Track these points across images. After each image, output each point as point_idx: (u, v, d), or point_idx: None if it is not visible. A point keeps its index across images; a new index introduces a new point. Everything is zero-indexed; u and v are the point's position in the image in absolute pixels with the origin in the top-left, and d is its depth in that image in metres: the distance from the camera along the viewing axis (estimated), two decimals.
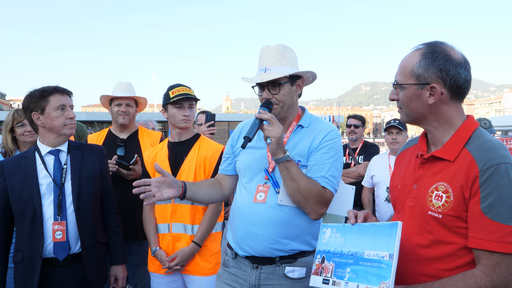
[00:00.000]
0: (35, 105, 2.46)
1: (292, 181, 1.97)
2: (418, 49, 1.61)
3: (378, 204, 4.32)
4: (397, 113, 1.84)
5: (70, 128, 2.51)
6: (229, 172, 2.37)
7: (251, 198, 2.13)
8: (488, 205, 1.40)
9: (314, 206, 2.01)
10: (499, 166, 1.41)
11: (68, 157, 2.56)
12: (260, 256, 2.10)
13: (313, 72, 2.19)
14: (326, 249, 1.69)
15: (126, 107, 3.43)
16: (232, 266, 2.22)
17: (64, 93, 2.52)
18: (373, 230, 1.56)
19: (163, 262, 2.77)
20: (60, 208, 2.42)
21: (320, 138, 2.11)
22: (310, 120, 2.22)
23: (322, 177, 2.04)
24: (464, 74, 1.55)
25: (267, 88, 2.09)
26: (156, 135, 3.62)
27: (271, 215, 2.06)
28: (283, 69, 2.07)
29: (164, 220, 2.84)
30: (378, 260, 1.46)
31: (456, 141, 1.55)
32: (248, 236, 2.10)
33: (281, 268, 2.08)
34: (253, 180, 2.17)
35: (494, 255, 1.39)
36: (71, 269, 2.46)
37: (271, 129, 1.95)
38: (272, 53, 2.11)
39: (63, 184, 2.48)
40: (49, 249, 2.40)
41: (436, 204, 1.51)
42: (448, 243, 1.50)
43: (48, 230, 2.40)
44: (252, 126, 2.00)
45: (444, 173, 1.53)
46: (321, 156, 2.07)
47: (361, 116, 5.47)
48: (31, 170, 2.46)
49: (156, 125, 6.11)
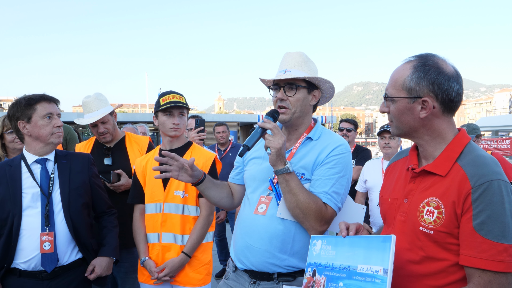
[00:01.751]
0: (21, 113, 2.40)
1: (291, 194, 1.92)
2: (410, 61, 1.59)
3: (372, 208, 4.32)
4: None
5: (58, 137, 2.46)
6: (238, 182, 2.33)
7: (252, 209, 2.09)
8: (481, 223, 1.38)
9: (313, 223, 1.94)
10: (492, 183, 1.39)
11: (55, 166, 2.51)
12: (258, 271, 2.04)
13: (332, 84, 2.14)
14: (317, 262, 1.66)
15: (102, 126, 3.27)
16: (231, 279, 2.18)
17: (51, 101, 2.48)
18: (366, 243, 1.52)
19: (152, 272, 2.73)
20: (48, 219, 2.36)
21: (327, 152, 2.03)
22: (320, 132, 2.15)
23: (324, 192, 1.98)
24: (456, 87, 1.54)
25: (283, 89, 2.06)
26: (144, 140, 3.56)
27: (270, 228, 2.01)
28: (303, 74, 2.05)
29: (154, 229, 2.80)
30: (372, 275, 1.42)
31: (448, 156, 1.53)
32: (246, 248, 2.06)
33: (278, 286, 2.01)
34: (256, 191, 2.13)
35: (486, 273, 1.37)
36: (59, 281, 2.39)
37: (272, 139, 1.90)
38: (295, 57, 2.11)
39: (51, 194, 2.43)
40: (36, 261, 2.33)
41: (427, 220, 1.49)
42: (439, 260, 1.49)
43: (34, 242, 2.33)
44: (254, 134, 1.95)
45: (436, 188, 1.51)
46: (326, 171, 2.00)
47: (354, 120, 5.51)
48: (15, 180, 2.40)
49: (147, 130, 6.03)
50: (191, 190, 2.77)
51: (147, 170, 2.88)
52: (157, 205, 2.80)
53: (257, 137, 1.94)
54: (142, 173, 2.90)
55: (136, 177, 2.94)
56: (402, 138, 1.75)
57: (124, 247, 3.17)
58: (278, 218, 2.01)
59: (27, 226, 2.35)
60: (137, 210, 2.92)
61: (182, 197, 2.75)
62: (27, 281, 2.35)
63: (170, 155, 2.03)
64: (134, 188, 2.94)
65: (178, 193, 2.76)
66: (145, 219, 2.87)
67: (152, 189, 2.83)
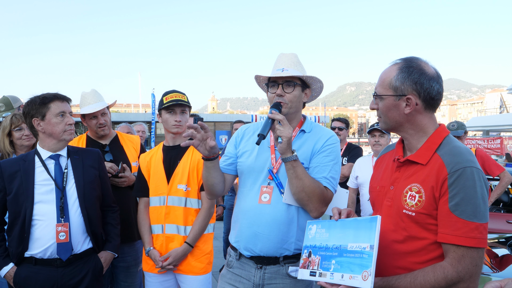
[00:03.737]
0: (36, 111, 2.54)
1: (298, 179, 2.08)
2: (396, 63, 1.77)
3: (363, 203, 4.46)
4: None
5: (70, 134, 2.61)
6: (230, 172, 2.41)
7: (256, 200, 2.22)
8: (455, 204, 1.56)
9: (317, 205, 2.13)
10: (465, 170, 1.57)
11: (68, 161, 2.65)
12: (266, 256, 2.19)
13: (322, 84, 2.34)
14: (313, 244, 1.81)
15: (102, 118, 3.34)
16: (236, 267, 2.30)
17: (64, 100, 2.62)
18: (355, 224, 1.67)
19: (156, 261, 2.86)
20: (63, 211, 2.52)
21: (322, 142, 2.25)
22: (311, 126, 2.36)
23: (324, 177, 2.18)
24: (436, 87, 1.72)
25: (281, 86, 2.22)
26: (136, 138, 3.64)
27: (277, 215, 2.17)
28: (299, 73, 2.24)
29: (158, 221, 2.94)
30: (360, 251, 1.56)
31: (428, 147, 1.71)
32: (255, 236, 2.19)
33: (284, 268, 2.19)
34: (256, 182, 2.26)
35: (460, 248, 1.55)
36: (73, 268, 2.56)
37: (283, 129, 2.04)
38: (290, 57, 2.29)
39: (65, 188, 2.57)
40: (52, 250, 2.49)
41: (410, 203, 1.67)
42: (420, 239, 1.66)
43: (50, 232, 2.48)
44: (265, 125, 2.08)
45: (418, 175, 1.69)
46: (323, 159, 2.21)
47: (345, 119, 5.68)
48: (29, 174, 2.54)
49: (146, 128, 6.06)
50: (193, 184, 2.91)
51: (151, 165, 3.02)
52: (161, 198, 2.93)
53: (269, 127, 2.08)
54: (147, 168, 3.04)
55: (140, 172, 3.08)
56: (390, 132, 1.93)
57: (127, 241, 3.30)
58: (283, 205, 2.17)
59: (43, 217, 2.50)
60: (142, 203, 3.05)
61: (184, 190, 2.89)
62: (42, 268, 2.50)
63: (204, 126, 2.10)
64: (139, 182, 3.08)
65: (181, 187, 2.90)
66: (150, 211, 3.00)
67: (156, 183, 2.97)
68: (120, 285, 3.41)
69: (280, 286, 2.18)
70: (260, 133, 2.04)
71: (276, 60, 2.34)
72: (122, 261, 3.34)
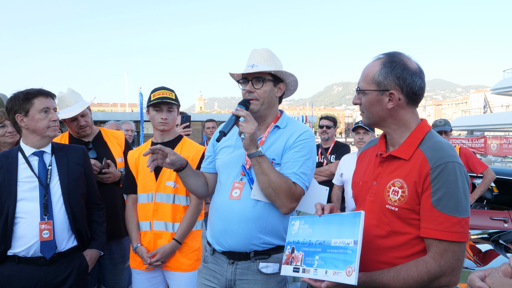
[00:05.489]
0: (19, 107, 2.50)
1: (263, 175, 2.09)
2: (379, 58, 1.77)
3: (347, 200, 4.49)
4: None
5: (54, 130, 2.56)
6: (210, 170, 2.46)
7: (227, 195, 2.24)
8: (438, 199, 1.57)
9: (284, 201, 2.12)
10: (448, 165, 1.59)
11: (52, 158, 2.61)
12: (236, 252, 2.21)
13: (295, 78, 2.34)
14: (296, 240, 1.81)
15: (83, 119, 3.25)
16: (210, 262, 2.32)
17: (48, 95, 2.57)
18: (339, 219, 1.67)
19: (144, 258, 2.85)
20: (47, 208, 2.48)
21: (294, 138, 2.24)
22: (287, 121, 2.35)
23: (293, 173, 2.16)
24: (419, 82, 1.73)
25: (251, 82, 2.24)
26: (120, 134, 3.59)
27: (245, 210, 2.17)
28: (269, 68, 2.24)
29: (146, 218, 2.92)
30: (344, 247, 1.57)
31: (411, 142, 1.72)
32: (225, 231, 2.21)
33: (255, 264, 2.19)
34: (230, 177, 2.28)
35: (442, 243, 1.57)
36: (57, 267, 2.52)
37: (246, 125, 2.07)
38: (261, 53, 2.30)
39: (49, 185, 2.53)
40: (35, 248, 2.45)
41: (393, 199, 1.68)
42: (403, 233, 1.67)
43: (33, 230, 2.44)
44: (228, 122, 2.12)
45: (400, 170, 1.70)
46: (294, 155, 2.20)
47: (333, 117, 5.71)
48: (11, 171, 2.50)
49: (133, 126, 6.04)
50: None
51: (139, 162, 3.00)
52: (149, 195, 2.92)
53: (231, 124, 2.12)
54: (135, 164, 3.02)
55: (128, 169, 3.06)
56: (373, 127, 1.94)
57: (114, 238, 3.28)
58: (252, 201, 2.18)
59: (26, 215, 2.45)
60: (130, 200, 3.03)
61: (173, 187, 2.88)
62: (25, 267, 2.45)
63: (157, 148, 2.21)
64: (127, 179, 3.06)
65: (169, 184, 2.89)
66: (138, 208, 2.98)
67: (145, 179, 2.95)
68: (107, 283, 3.38)
69: (251, 282, 2.19)
70: (221, 130, 2.08)
71: (248, 56, 2.35)
72: (109, 259, 3.31)
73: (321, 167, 5.19)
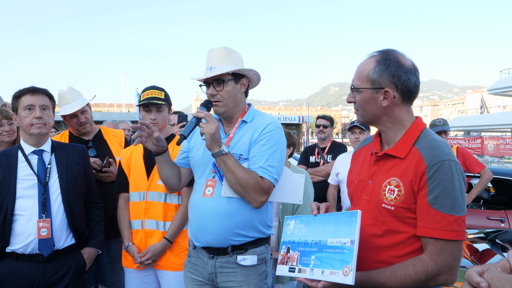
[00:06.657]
0: (13, 106, 2.55)
1: (229, 173, 2.11)
2: (373, 56, 1.74)
3: (343, 200, 4.47)
4: None
5: (37, 128, 2.52)
6: (183, 165, 2.50)
7: (200, 193, 2.29)
8: (434, 198, 1.55)
9: (253, 195, 2.14)
10: (444, 163, 1.57)
11: (52, 157, 2.62)
12: (214, 247, 2.26)
13: (256, 71, 2.33)
14: (291, 240, 1.78)
15: (83, 116, 3.26)
16: (193, 256, 2.39)
17: (35, 92, 2.55)
18: (335, 219, 1.66)
19: (135, 257, 2.84)
20: (45, 206, 2.49)
21: (260, 131, 2.24)
22: (253, 115, 2.35)
23: (260, 167, 2.17)
24: (413, 79, 1.70)
25: (212, 85, 2.23)
26: (120, 133, 3.61)
27: (218, 208, 2.21)
28: (227, 68, 2.22)
29: (137, 216, 2.91)
30: (341, 247, 1.55)
31: (406, 140, 1.70)
32: (201, 229, 2.26)
33: (233, 258, 2.25)
34: (203, 176, 2.32)
35: (439, 241, 1.55)
36: (55, 264, 2.53)
37: (206, 126, 2.09)
38: (217, 53, 2.27)
39: (47, 183, 2.54)
40: (33, 245, 2.46)
41: (389, 198, 1.66)
42: (400, 232, 1.65)
43: (31, 227, 2.45)
44: (189, 124, 2.13)
45: (396, 169, 1.67)
46: (260, 148, 2.20)
47: (330, 117, 5.68)
48: (11, 169, 2.51)
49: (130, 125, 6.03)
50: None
51: (132, 160, 2.99)
52: (141, 193, 2.90)
53: (192, 126, 2.12)
54: (127, 163, 3.01)
55: (121, 167, 3.05)
56: (367, 125, 1.92)
57: (113, 237, 3.26)
58: (224, 198, 2.21)
59: (24, 213, 2.46)
60: (122, 198, 3.02)
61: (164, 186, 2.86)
62: (23, 264, 2.46)
63: (145, 123, 2.21)
64: (119, 177, 3.05)
65: (161, 182, 2.83)
66: (130, 206, 2.98)
67: (136, 178, 2.94)
68: (105, 281, 3.37)
69: (231, 274, 2.25)
70: (181, 133, 2.09)
71: (206, 58, 2.32)
72: (108, 257, 3.31)
73: (317, 167, 5.16)
